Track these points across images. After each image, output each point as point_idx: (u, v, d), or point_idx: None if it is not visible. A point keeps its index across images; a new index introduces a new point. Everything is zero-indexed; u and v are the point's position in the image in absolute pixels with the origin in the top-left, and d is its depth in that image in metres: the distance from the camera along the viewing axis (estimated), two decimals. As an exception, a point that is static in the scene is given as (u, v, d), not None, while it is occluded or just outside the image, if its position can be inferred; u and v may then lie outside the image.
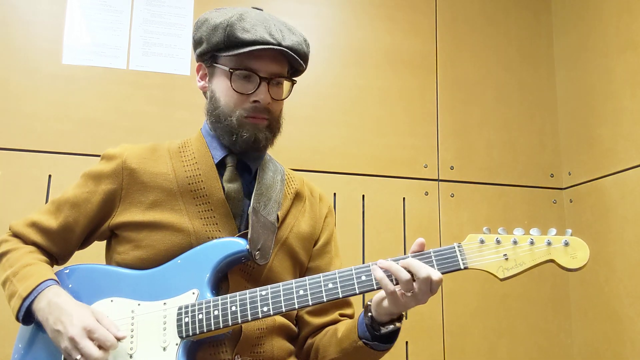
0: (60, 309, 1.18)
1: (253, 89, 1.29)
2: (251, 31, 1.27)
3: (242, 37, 1.26)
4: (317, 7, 2.52)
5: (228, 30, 1.27)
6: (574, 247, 1.11)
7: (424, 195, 2.43)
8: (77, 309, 1.19)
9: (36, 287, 1.23)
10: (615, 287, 2.20)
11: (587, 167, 2.41)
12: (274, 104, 1.32)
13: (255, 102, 1.29)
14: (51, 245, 1.35)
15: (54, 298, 1.21)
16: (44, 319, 1.20)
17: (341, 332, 1.30)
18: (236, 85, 1.30)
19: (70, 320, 1.16)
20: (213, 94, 1.34)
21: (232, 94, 1.30)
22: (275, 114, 1.34)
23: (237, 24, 1.27)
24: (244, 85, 1.30)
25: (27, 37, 2.23)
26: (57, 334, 1.17)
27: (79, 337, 1.14)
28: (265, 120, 1.32)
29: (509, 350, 2.37)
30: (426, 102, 2.52)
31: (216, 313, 1.18)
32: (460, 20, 2.63)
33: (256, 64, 1.29)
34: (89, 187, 1.34)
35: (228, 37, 1.27)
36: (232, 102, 1.30)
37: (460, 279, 2.33)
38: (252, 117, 1.30)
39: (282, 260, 1.34)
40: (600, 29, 2.38)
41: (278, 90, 1.34)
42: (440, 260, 1.14)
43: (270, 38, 1.27)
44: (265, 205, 1.32)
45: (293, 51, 1.29)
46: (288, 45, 1.29)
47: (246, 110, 1.30)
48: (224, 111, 1.31)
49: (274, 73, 1.31)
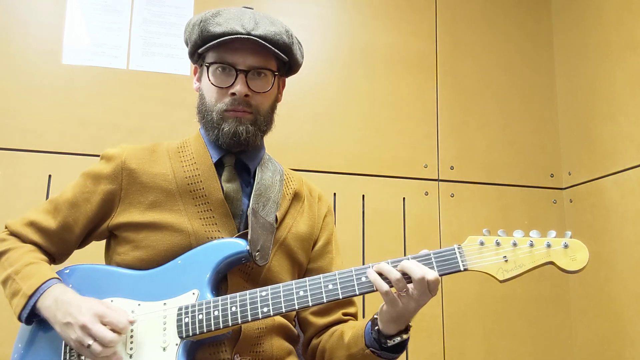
0: (68, 303, 1.19)
1: (231, 81, 1.29)
2: (223, 24, 1.27)
3: (213, 31, 1.27)
4: (317, 7, 2.52)
5: (201, 26, 1.29)
6: (573, 249, 1.11)
7: (424, 195, 2.43)
8: (84, 300, 1.20)
9: (41, 285, 1.22)
10: (615, 287, 2.20)
11: (587, 167, 2.41)
12: (256, 96, 1.31)
13: (233, 94, 1.29)
14: (49, 245, 1.34)
15: (61, 296, 1.21)
16: (51, 316, 1.20)
17: (348, 336, 1.29)
18: (214, 79, 1.30)
19: (79, 310, 1.16)
20: (201, 92, 1.36)
21: (213, 89, 1.31)
22: (261, 107, 1.32)
23: (211, 19, 1.29)
24: (223, 79, 1.30)
25: (27, 37, 2.23)
26: (67, 327, 1.17)
27: (91, 323, 1.14)
28: (248, 113, 1.30)
29: (509, 351, 2.37)
30: (426, 102, 2.52)
31: (216, 313, 1.18)
32: (461, 21, 2.63)
33: (233, 57, 1.29)
34: (88, 187, 1.33)
35: (201, 32, 1.29)
36: (213, 97, 1.31)
37: (459, 279, 2.33)
38: (232, 111, 1.30)
39: (280, 261, 1.34)
40: (600, 29, 2.38)
41: (260, 83, 1.32)
42: (440, 262, 1.14)
43: (240, 28, 1.26)
44: (264, 205, 1.32)
45: (266, 40, 1.27)
46: (259, 34, 1.27)
47: (226, 104, 1.30)
48: (207, 107, 1.32)
49: (252, 65, 1.29)
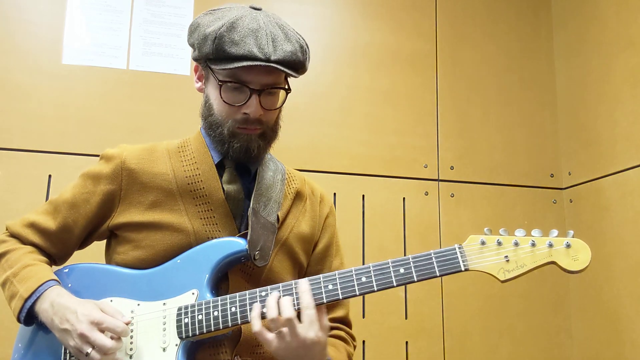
0: (65, 308, 1.18)
1: (244, 100, 1.26)
2: (240, 44, 1.22)
3: (229, 51, 1.22)
4: (317, 7, 2.52)
5: (217, 43, 1.23)
6: (575, 248, 1.10)
7: (424, 195, 2.43)
8: (80, 305, 1.19)
9: (37, 288, 1.22)
10: (615, 287, 2.20)
11: (587, 167, 2.41)
12: (266, 113, 1.29)
13: (245, 114, 1.27)
14: (50, 246, 1.34)
15: (57, 298, 1.20)
16: (48, 320, 1.20)
17: None
18: (226, 96, 1.27)
19: (77, 318, 1.16)
20: (207, 99, 1.33)
21: (223, 105, 1.28)
22: (269, 122, 1.31)
23: (226, 35, 1.22)
24: (235, 96, 1.27)
25: (28, 37, 2.23)
26: (65, 333, 1.17)
27: (89, 331, 1.14)
28: (258, 129, 1.29)
29: (509, 351, 2.37)
30: (426, 102, 2.52)
31: (216, 314, 1.18)
32: (461, 20, 2.63)
33: (247, 76, 1.25)
34: (87, 188, 1.33)
35: (217, 49, 1.23)
36: (223, 112, 1.29)
37: (460, 279, 2.33)
38: (244, 128, 1.28)
39: (282, 261, 1.34)
40: (599, 28, 2.38)
41: (271, 100, 1.31)
42: (441, 262, 1.14)
43: (259, 52, 1.22)
44: (265, 205, 1.31)
45: (284, 64, 1.24)
46: (278, 59, 1.23)
47: (237, 122, 1.27)
48: (216, 121, 1.30)
49: (266, 84, 1.27)
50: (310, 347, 1.11)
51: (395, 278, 1.15)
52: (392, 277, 1.15)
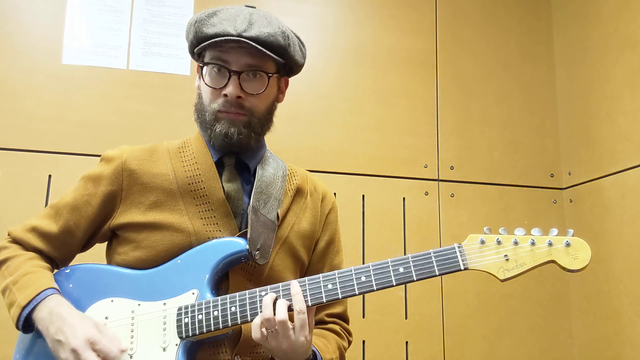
0: (62, 319, 1.17)
1: (224, 82, 1.28)
2: (217, 25, 1.26)
3: (205, 32, 1.27)
4: (317, 7, 2.52)
5: (196, 26, 1.29)
6: (575, 247, 1.10)
7: (424, 195, 2.43)
8: (79, 320, 1.18)
9: (35, 296, 1.21)
10: (615, 287, 2.20)
11: (587, 167, 2.41)
12: (250, 98, 1.29)
13: (225, 95, 1.28)
14: (52, 250, 1.33)
15: (56, 308, 1.20)
16: (44, 328, 1.19)
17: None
18: (208, 79, 1.30)
19: (73, 332, 1.15)
20: (199, 91, 1.36)
21: (207, 89, 1.31)
22: (255, 109, 1.31)
23: (206, 20, 1.28)
24: (217, 79, 1.29)
25: (27, 37, 2.23)
26: (58, 345, 1.16)
27: (82, 349, 1.13)
28: (242, 115, 1.29)
29: (509, 351, 2.37)
30: (426, 102, 2.52)
31: (216, 314, 1.18)
32: (460, 20, 2.63)
33: (227, 57, 1.27)
34: (88, 190, 1.33)
35: (196, 32, 1.29)
36: (207, 97, 1.31)
37: (460, 279, 2.33)
38: (225, 112, 1.29)
39: (283, 259, 1.33)
40: (600, 29, 2.38)
41: (254, 84, 1.29)
42: (440, 261, 1.14)
43: (232, 29, 1.25)
44: (265, 203, 1.31)
45: (258, 42, 1.25)
46: (250, 36, 1.25)
47: (219, 105, 1.29)
48: (203, 106, 1.32)
49: (247, 64, 1.28)
50: (298, 348, 1.14)
51: (394, 277, 1.15)
52: (392, 276, 1.15)
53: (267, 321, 1.13)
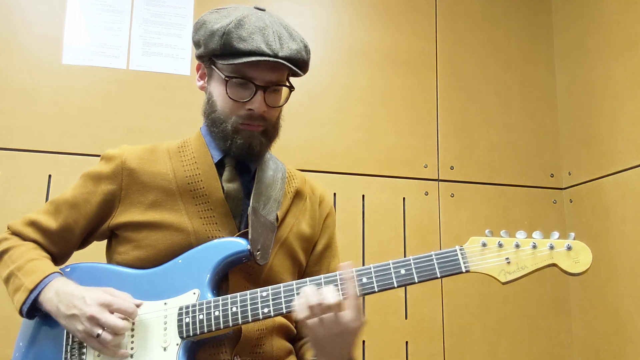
0: (71, 295, 1.19)
1: (249, 96, 1.27)
2: (248, 40, 1.24)
3: (237, 47, 1.24)
4: (316, 7, 2.52)
5: (225, 39, 1.25)
6: (576, 251, 1.10)
7: (424, 195, 2.43)
8: (87, 291, 1.20)
9: (43, 279, 1.23)
10: (616, 287, 2.20)
11: (587, 167, 2.41)
12: (270, 110, 1.30)
13: (250, 110, 1.28)
14: (50, 245, 1.34)
15: (62, 287, 1.21)
16: (53, 308, 1.20)
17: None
18: (232, 92, 1.28)
19: (84, 302, 1.16)
20: (210, 96, 1.34)
21: (228, 101, 1.29)
22: (271, 120, 1.33)
23: (234, 31, 1.25)
24: (240, 92, 1.28)
25: (28, 37, 2.23)
26: (73, 318, 1.17)
27: (100, 313, 1.15)
28: (261, 126, 1.31)
29: (509, 351, 2.37)
30: (426, 102, 2.52)
31: (217, 314, 1.18)
32: (461, 21, 2.63)
33: (253, 72, 1.27)
34: (88, 188, 1.33)
35: (224, 45, 1.25)
36: (227, 108, 1.30)
37: (460, 279, 2.32)
38: (247, 125, 1.29)
39: (282, 260, 1.34)
40: (601, 29, 2.38)
41: (275, 97, 1.32)
42: (442, 263, 1.14)
43: (267, 49, 1.24)
44: (265, 204, 1.32)
45: (290, 61, 1.27)
46: (285, 56, 1.26)
47: (241, 118, 1.29)
48: (220, 117, 1.31)
49: (271, 81, 1.29)
50: (352, 334, 1.12)
51: (396, 279, 1.15)
52: (393, 278, 1.15)
53: (315, 308, 1.10)
